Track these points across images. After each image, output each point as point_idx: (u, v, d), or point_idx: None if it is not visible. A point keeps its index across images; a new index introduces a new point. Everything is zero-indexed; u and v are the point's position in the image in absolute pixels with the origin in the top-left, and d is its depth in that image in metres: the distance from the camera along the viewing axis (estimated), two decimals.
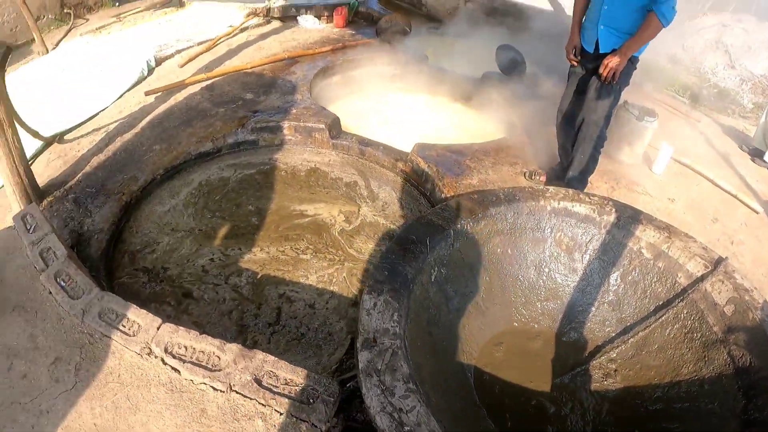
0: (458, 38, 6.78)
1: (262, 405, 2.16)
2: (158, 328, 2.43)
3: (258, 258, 3.50)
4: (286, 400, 2.12)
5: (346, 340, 2.93)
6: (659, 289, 2.58)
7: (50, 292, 2.73)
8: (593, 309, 2.65)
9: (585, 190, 3.57)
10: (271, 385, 2.19)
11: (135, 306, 2.56)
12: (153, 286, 3.30)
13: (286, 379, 2.20)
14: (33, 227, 3.12)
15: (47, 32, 7.82)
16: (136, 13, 7.91)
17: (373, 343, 1.78)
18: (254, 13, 7.02)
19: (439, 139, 4.40)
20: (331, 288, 3.27)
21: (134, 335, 2.44)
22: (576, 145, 3.50)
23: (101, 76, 5.61)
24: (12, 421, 2.28)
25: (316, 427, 2.02)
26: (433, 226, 2.37)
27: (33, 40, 6.88)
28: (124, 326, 2.49)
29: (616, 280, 2.66)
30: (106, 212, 3.54)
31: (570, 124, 3.59)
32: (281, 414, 2.12)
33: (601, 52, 3.27)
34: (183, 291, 3.28)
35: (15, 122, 3.53)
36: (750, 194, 4.34)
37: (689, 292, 2.46)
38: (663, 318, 2.48)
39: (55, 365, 2.48)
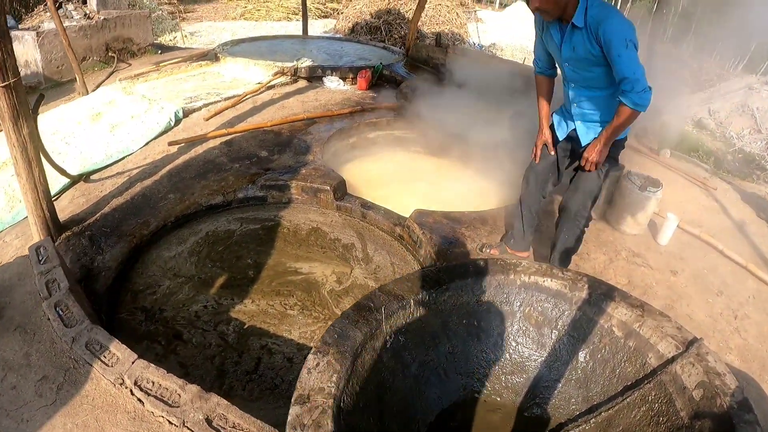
0: (477, 104, 6.94)
1: None
2: (133, 363, 2.70)
3: (248, 309, 3.63)
4: None
5: None
6: (628, 369, 2.56)
7: (48, 319, 3.08)
8: (559, 385, 2.65)
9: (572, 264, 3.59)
10: (220, 426, 2.38)
11: (117, 341, 2.86)
12: (148, 325, 3.51)
13: (234, 423, 2.39)
14: (44, 259, 3.51)
15: (91, 73, 8.57)
16: (175, 63, 8.43)
17: (306, 400, 1.86)
18: (282, 72, 7.38)
19: (445, 202, 4.53)
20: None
21: (112, 366, 2.73)
22: (559, 230, 3.47)
23: (131, 123, 6.03)
24: None
25: None
26: (393, 295, 2.45)
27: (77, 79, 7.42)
28: (105, 357, 2.79)
29: (585, 357, 2.66)
30: (116, 252, 3.86)
31: (540, 193, 3.58)
32: None
33: (583, 145, 3.24)
34: (174, 333, 3.46)
35: (45, 160, 3.92)
36: (762, 265, 4.20)
37: (659, 373, 2.43)
38: (630, 399, 2.45)
39: (41, 382, 2.83)
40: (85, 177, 4.86)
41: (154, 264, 3.96)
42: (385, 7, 12.98)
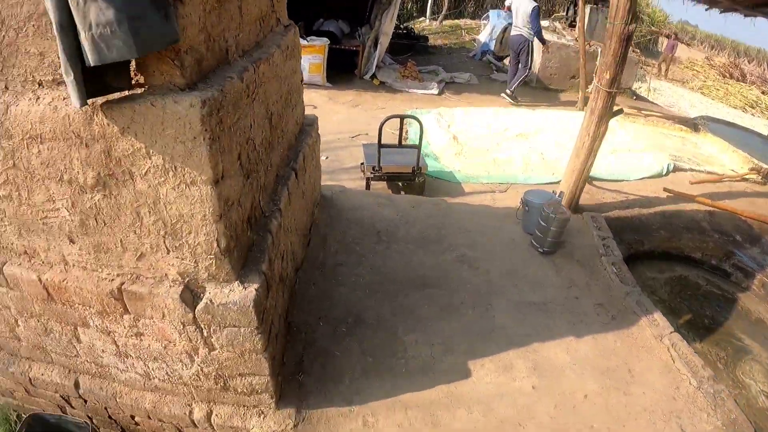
0: None
1: None
2: (671, 332, 3.91)
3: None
4: None
5: None
6: None
7: (605, 269, 4.64)
8: None
9: None
10: None
11: (659, 311, 4.12)
12: None
13: None
14: (598, 227, 5.24)
15: (564, 92, 10.78)
16: (655, 116, 10.02)
17: None
18: (756, 170, 8.46)
19: None
20: None
21: (654, 326, 3.97)
22: None
23: (628, 155, 7.85)
24: (553, 318, 3.94)
25: None
26: None
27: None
28: (648, 317, 4.07)
29: None
30: (619, 252, 5.19)
31: None
32: None
33: None
34: None
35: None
36: None
37: None
38: None
39: (598, 306, 4.14)
40: (590, 180, 6.72)
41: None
42: None
